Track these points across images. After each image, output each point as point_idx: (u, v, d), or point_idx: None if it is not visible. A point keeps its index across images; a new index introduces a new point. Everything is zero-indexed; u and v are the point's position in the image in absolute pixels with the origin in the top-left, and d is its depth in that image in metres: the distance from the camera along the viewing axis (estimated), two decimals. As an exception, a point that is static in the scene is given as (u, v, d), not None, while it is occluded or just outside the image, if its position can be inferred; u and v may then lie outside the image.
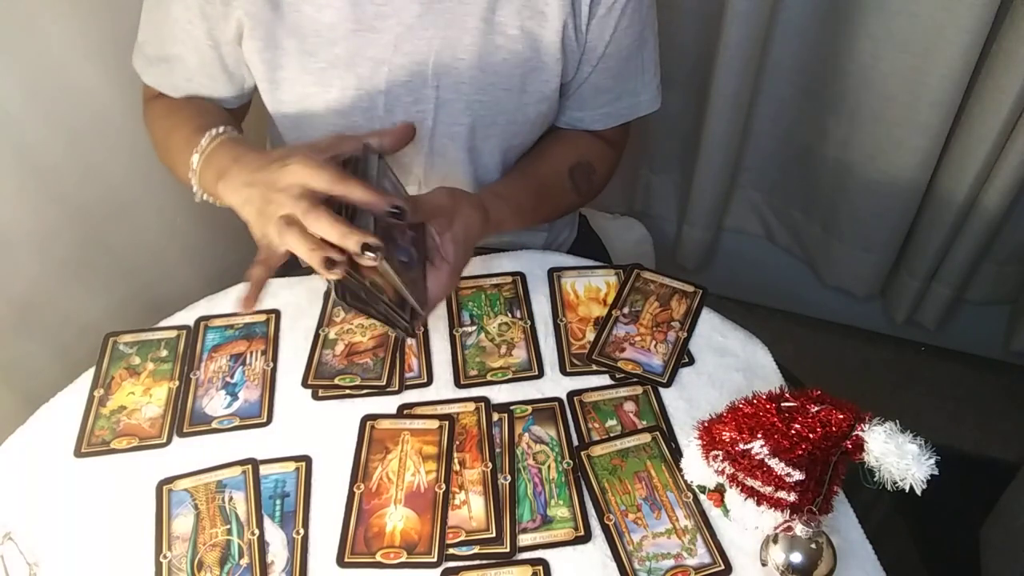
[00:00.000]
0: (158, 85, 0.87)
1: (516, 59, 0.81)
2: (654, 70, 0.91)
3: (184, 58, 0.83)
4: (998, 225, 1.41)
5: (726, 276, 1.80)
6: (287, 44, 0.79)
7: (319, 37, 0.78)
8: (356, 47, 0.78)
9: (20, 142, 1.02)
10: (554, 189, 0.91)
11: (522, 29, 0.80)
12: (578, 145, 0.93)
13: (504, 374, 0.78)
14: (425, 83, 0.81)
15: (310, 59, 0.79)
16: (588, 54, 0.84)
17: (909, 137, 1.35)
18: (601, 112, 0.91)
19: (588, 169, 0.93)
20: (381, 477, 0.70)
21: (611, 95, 0.90)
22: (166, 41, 0.83)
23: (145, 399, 0.76)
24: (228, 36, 0.80)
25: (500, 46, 0.80)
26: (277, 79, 0.81)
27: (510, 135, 0.86)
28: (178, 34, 0.81)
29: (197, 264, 1.40)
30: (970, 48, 1.21)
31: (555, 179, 0.91)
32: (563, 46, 0.82)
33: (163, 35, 0.83)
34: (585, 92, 0.89)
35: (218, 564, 0.64)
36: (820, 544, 0.62)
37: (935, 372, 1.72)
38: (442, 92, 0.81)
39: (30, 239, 1.06)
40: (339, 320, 0.82)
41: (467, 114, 0.83)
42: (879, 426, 0.60)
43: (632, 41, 0.86)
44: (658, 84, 0.92)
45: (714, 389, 0.77)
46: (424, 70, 0.80)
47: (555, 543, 0.66)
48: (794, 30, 1.38)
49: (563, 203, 0.94)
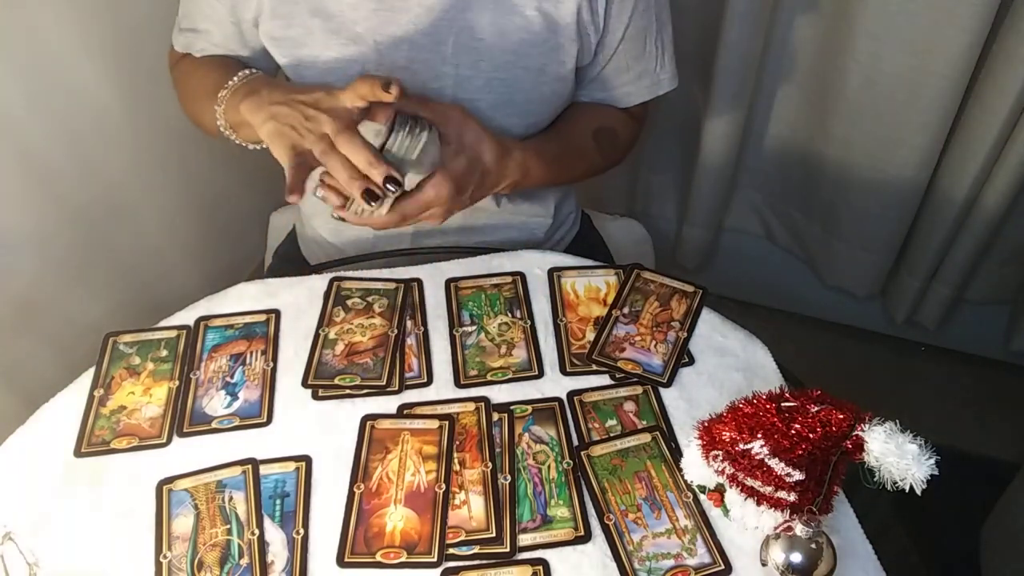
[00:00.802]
0: (187, 48, 0.92)
1: (534, 39, 0.83)
2: (671, 50, 0.94)
3: (211, 32, 0.89)
4: (998, 225, 1.41)
5: (726, 276, 1.80)
6: (311, 23, 0.82)
7: (343, 16, 0.81)
8: (378, 25, 0.81)
9: (20, 142, 1.02)
10: (579, 145, 0.94)
11: (539, 10, 0.82)
12: (601, 113, 0.96)
13: (504, 374, 0.78)
14: (444, 61, 0.83)
15: (333, 37, 0.82)
16: (608, 37, 0.87)
17: (909, 137, 1.35)
18: (623, 91, 0.94)
19: (611, 133, 0.97)
20: (381, 477, 0.70)
21: (632, 74, 0.93)
22: (196, 17, 0.89)
23: (145, 399, 0.76)
24: (248, 16, 0.84)
25: (519, 26, 0.83)
26: (300, 56, 0.84)
27: (527, 113, 0.89)
28: (205, 10, 0.87)
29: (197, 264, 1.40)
30: (970, 48, 1.21)
31: (580, 136, 0.94)
32: (578, 29, 0.84)
33: (192, 11, 0.89)
34: (607, 74, 0.92)
35: (218, 564, 0.64)
36: (820, 544, 0.62)
37: (935, 372, 1.72)
38: (461, 70, 0.83)
39: (30, 239, 1.06)
40: (339, 320, 0.82)
41: (485, 91, 0.85)
42: (879, 426, 0.59)
43: (650, 22, 0.89)
44: (675, 63, 0.96)
45: (714, 389, 0.77)
46: (444, 49, 0.82)
47: (555, 543, 0.66)
48: (794, 30, 1.38)
49: (589, 161, 0.97)
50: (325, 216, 1.00)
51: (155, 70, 1.16)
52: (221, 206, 1.44)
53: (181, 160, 1.32)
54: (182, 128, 1.22)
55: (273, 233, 1.23)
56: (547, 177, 0.89)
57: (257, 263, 1.44)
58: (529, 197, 0.99)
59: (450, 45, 0.82)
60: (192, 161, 1.34)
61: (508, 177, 0.83)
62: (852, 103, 1.37)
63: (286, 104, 0.73)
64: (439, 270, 0.88)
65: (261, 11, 0.83)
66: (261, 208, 1.27)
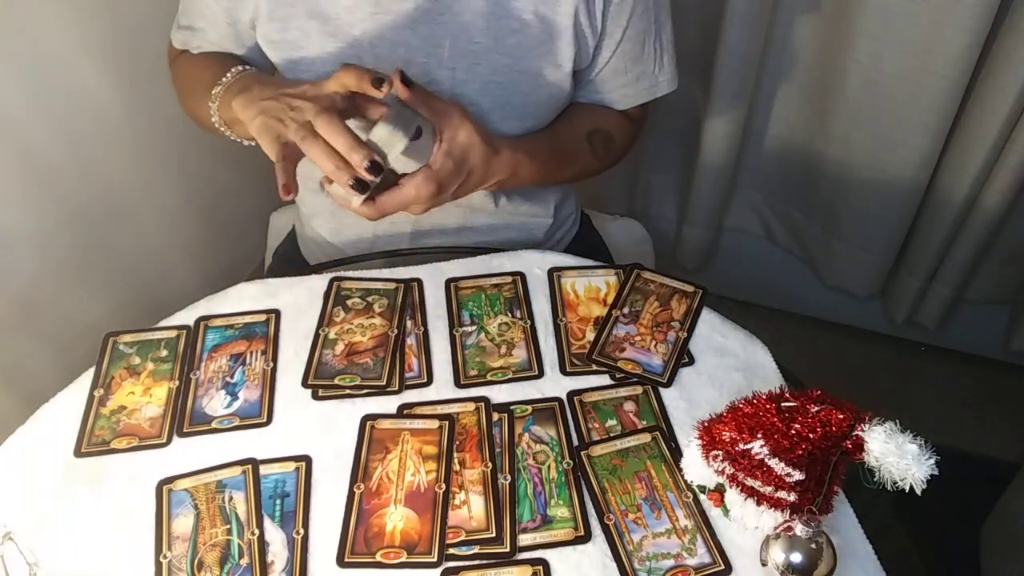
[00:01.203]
0: (185, 44, 0.92)
1: (530, 42, 0.83)
2: (672, 51, 0.94)
3: (207, 31, 0.89)
4: (998, 225, 1.41)
5: (726, 276, 1.80)
6: (308, 26, 0.82)
7: (339, 19, 0.81)
8: (375, 29, 0.81)
9: (20, 142, 1.02)
10: (572, 146, 0.93)
11: (536, 13, 0.82)
12: (597, 114, 0.96)
13: (504, 374, 0.78)
14: (441, 64, 0.83)
15: (330, 40, 0.82)
16: (607, 39, 0.87)
17: (909, 137, 1.35)
18: (620, 94, 0.94)
19: (606, 136, 0.96)
20: (381, 477, 0.70)
21: (630, 76, 0.92)
22: (193, 15, 0.90)
23: (145, 399, 0.76)
24: (245, 18, 0.84)
25: (515, 30, 0.82)
26: (296, 59, 0.84)
27: (525, 116, 0.88)
28: (202, 9, 0.87)
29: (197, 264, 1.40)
30: (970, 48, 1.21)
31: (573, 138, 0.93)
32: (575, 31, 0.84)
33: (190, 9, 0.90)
34: (605, 75, 0.91)
35: (218, 564, 0.64)
36: (820, 544, 0.62)
37: (935, 372, 1.72)
38: (458, 74, 0.83)
39: (30, 239, 1.06)
40: (339, 320, 0.82)
41: (483, 94, 0.85)
42: (879, 426, 0.59)
43: (649, 24, 0.88)
44: (675, 65, 0.95)
45: (714, 389, 0.77)
46: (440, 52, 0.82)
47: (555, 543, 0.66)
48: (794, 30, 1.38)
49: (582, 163, 0.96)
50: (325, 216, 1.00)
51: (155, 70, 1.16)
52: (221, 206, 1.44)
53: (181, 160, 1.32)
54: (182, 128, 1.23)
55: (273, 233, 1.23)
56: (536, 177, 0.89)
57: (257, 263, 1.45)
58: (529, 198, 0.99)
59: (447, 48, 0.82)
60: (192, 161, 1.34)
61: (494, 177, 0.82)
62: (852, 103, 1.37)
63: (274, 99, 0.74)
64: (439, 270, 0.88)
65: (258, 14, 0.83)
66: (261, 208, 1.27)
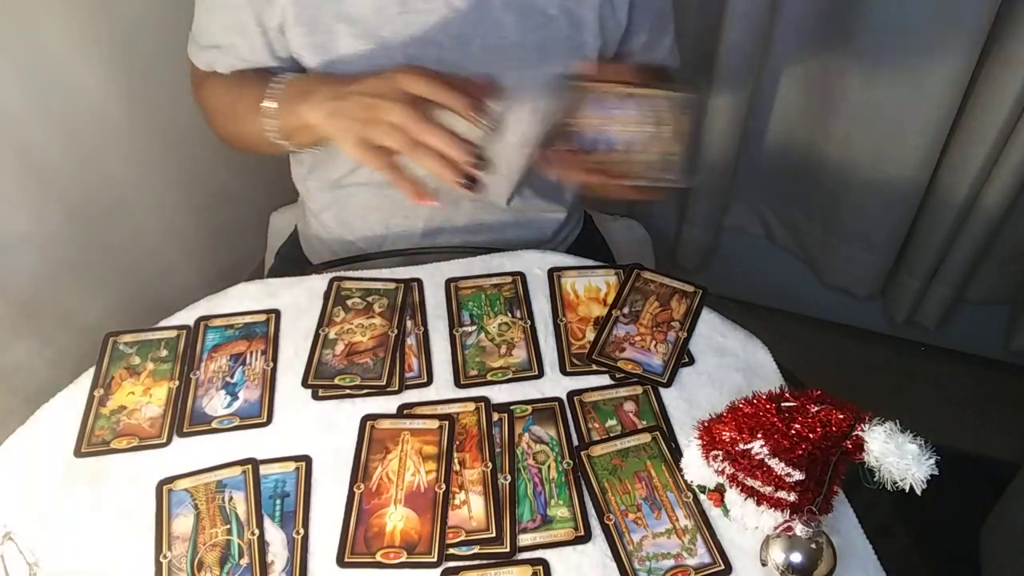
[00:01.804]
0: (211, 65, 0.88)
1: (558, 36, 0.84)
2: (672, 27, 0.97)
3: (236, 46, 0.85)
4: (998, 225, 1.41)
5: (726, 276, 1.80)
6: (337, 28, 0.81)
7: (366, 21, 0.81)
8: (403, 28, 0.81)
9: (20, 142, 1.02)
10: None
11: (561, 8, 0.83)
12: None
13: (504, 374, 0.78)
14: (472, 61, 0.83)
15: (360, 42, 0.81)
16: (634, 26, 0.89)
17: (909, 137, 1.35)
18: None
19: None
20: (381, 477, 0.70)
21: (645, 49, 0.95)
22: (217, 32, 0.85)
23: (145, 399, 0.76)
24: (273, 24, 0.82)
25: (541, 24, 0.83)
26: (329, 63, 0.83)
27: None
28: (228, 22, 0.83)
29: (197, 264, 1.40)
30: (970, 48, 1.21)
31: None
32: (601, 24, 0.85)
33: (212, 27, 0.85)
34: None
35: (218, 564, 0.64)
36: (820, 544, 0.62)
37: (935, 372, 1.72)
38: (489, 69, 0.83)
39: (29, 239, 1.06)
40: (339, 320, 0.82)
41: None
42: (879, 426, 0.60)
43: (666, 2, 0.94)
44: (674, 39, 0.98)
45: (714, 389, 0.77)
46: (471, 49, 0.83)
47: (555, 543, 0.66)
48: (794, 30, 1.38)
49: None
50: (334, 211, 0.99)
51: (154, 70, 1.16)
52: (221, 206, 1.44)
53: (181, 160, 1.32)
54: (182, 128, 1.22)
55: (273, 233, 1.23)
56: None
57: (257, 263, 1.44)
58: (543, 194, 0.99)
59: (476, 46, 0.83)
60: (192, 161, 1.34)
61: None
62: (852, 103, 1.37)
63: (342, 98, 0.73)
64: (439, 270, 0.88)
65: (285, 19, 0.81)
66: (261, 208, 1.27)
